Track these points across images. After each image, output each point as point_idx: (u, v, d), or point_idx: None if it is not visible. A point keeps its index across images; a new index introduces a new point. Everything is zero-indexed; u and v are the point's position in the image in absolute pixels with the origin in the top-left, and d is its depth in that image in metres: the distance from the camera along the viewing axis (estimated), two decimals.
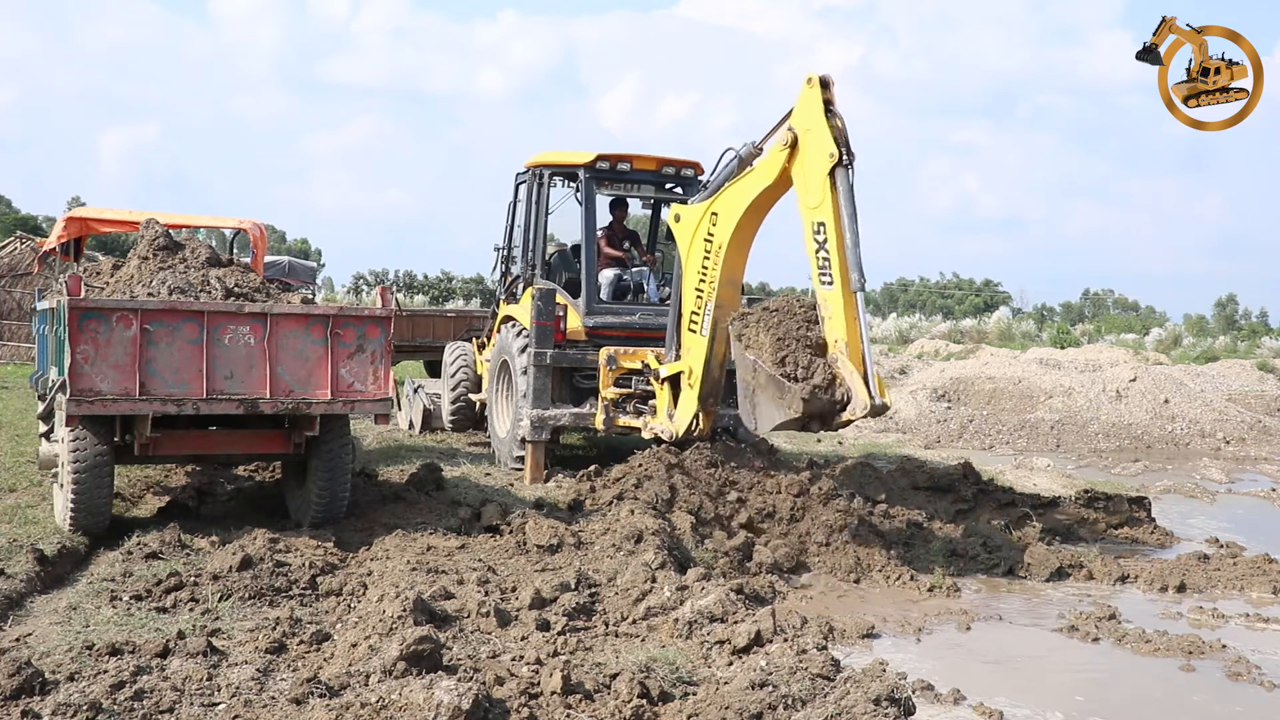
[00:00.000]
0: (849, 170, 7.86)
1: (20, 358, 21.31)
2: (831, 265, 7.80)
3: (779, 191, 8.72)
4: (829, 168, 7.86)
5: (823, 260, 7.86)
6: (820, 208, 7.89)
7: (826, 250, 7.84)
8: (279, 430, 7.83)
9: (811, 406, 7.66)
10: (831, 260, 7.80)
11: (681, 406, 9.73)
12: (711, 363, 9.43)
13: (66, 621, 5.68)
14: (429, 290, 57.29)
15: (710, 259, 9.21)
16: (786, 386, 7.73)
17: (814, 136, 8.04)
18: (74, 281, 7.15)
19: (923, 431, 16.92)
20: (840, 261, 7.77)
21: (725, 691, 4.64)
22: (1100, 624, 7.04)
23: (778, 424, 7.92)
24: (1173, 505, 11.87)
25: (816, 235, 7.91)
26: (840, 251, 7.77)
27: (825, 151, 7.90)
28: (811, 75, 8.11)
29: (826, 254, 7.84)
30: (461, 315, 18.19)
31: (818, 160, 7.97)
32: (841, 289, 7.77)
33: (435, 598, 5.84)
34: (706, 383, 9.49)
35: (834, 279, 7.81)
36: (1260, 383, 22.71)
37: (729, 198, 9.00)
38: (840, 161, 7.83)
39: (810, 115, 8.10)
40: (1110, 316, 77.16)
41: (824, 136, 7.94)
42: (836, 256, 7.78)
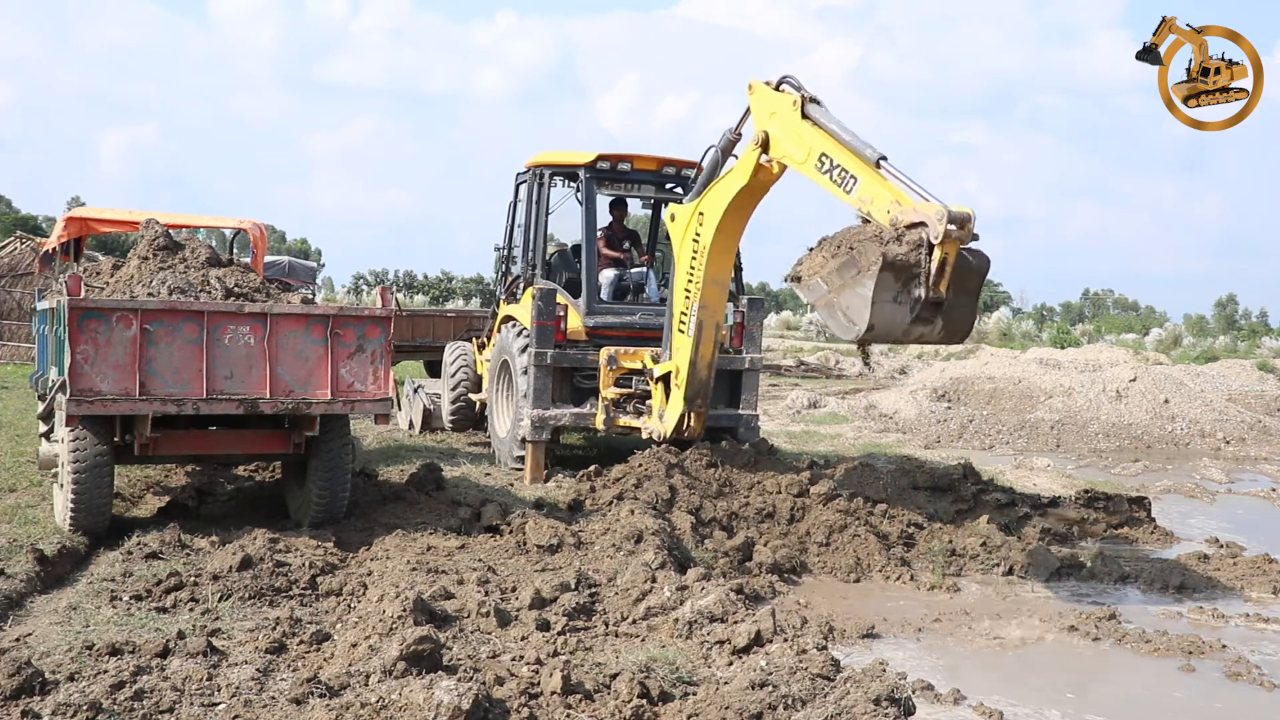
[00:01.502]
0: (821, 105, 7.88)
1: (20, 358, 21.30)
2: (850, 169, 7.51)
3: (756, 192, 8.77)
4: (800, 113, 7.89)
5: (840, 176, 7.56)
6: (813, 148, 7.76)
7: (840, 167, 7.56)
8: (279, 430, 7.83)
9: (891, 254, 6.81)
10: (847, 167, 7.52)
11: (670, 407, 9.76)
12: (697, 363, 9.43)
13: (66, 621, 5.67)
14: (429, 290, 57.34)
15: (697, 259, 9.24)
16: (857, 254, 6.97)
17: (779, 118, 8.12)
18: (74, 281, 7.15)
19: (923, 431, 16.91)
20: (852, 158, 7.51)
21: (725, 691, 4.64)
22: (1100, 624, 7.04)
23: (870, 298, 6.86)
24: (1173, 505, 11.86)
25: (825, 171, 7.67)
26: (847, 152, 7.55)
27: (790, 106, 7.97)
28: (753, 81, 8.37)
29: (841, 167, 7.54)
30: (461, 315, 18.20)
31: (789, 122, 8.00)
32: (867, 172, 7.39)
33: (435, 598, 5.84)
34: (692, 383, 9.49)
35: (857, 174, 7.45)
36: (1260, 383, 22.70)
37: (711, 198, 9.05)
38: (807, 100, 7.87)
39: (768, 103, 8.23)
40: (1110, 316, 77.17)
41: (784, 104, 8.06)
42: (847, 158, 7.53)
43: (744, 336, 11.23)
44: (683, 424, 9.69)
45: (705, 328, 9.35)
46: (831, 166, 7.61)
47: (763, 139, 8.31)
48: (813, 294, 7.39)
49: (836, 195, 7.62)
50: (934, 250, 6.73)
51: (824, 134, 7.76)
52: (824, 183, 7.71)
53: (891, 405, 18.61)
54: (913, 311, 6.93)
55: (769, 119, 8.26)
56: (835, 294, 7.12)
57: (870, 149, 7.43)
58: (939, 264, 6.76)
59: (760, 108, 8.41)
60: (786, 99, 8.11)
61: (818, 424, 17.52)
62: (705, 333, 9.35)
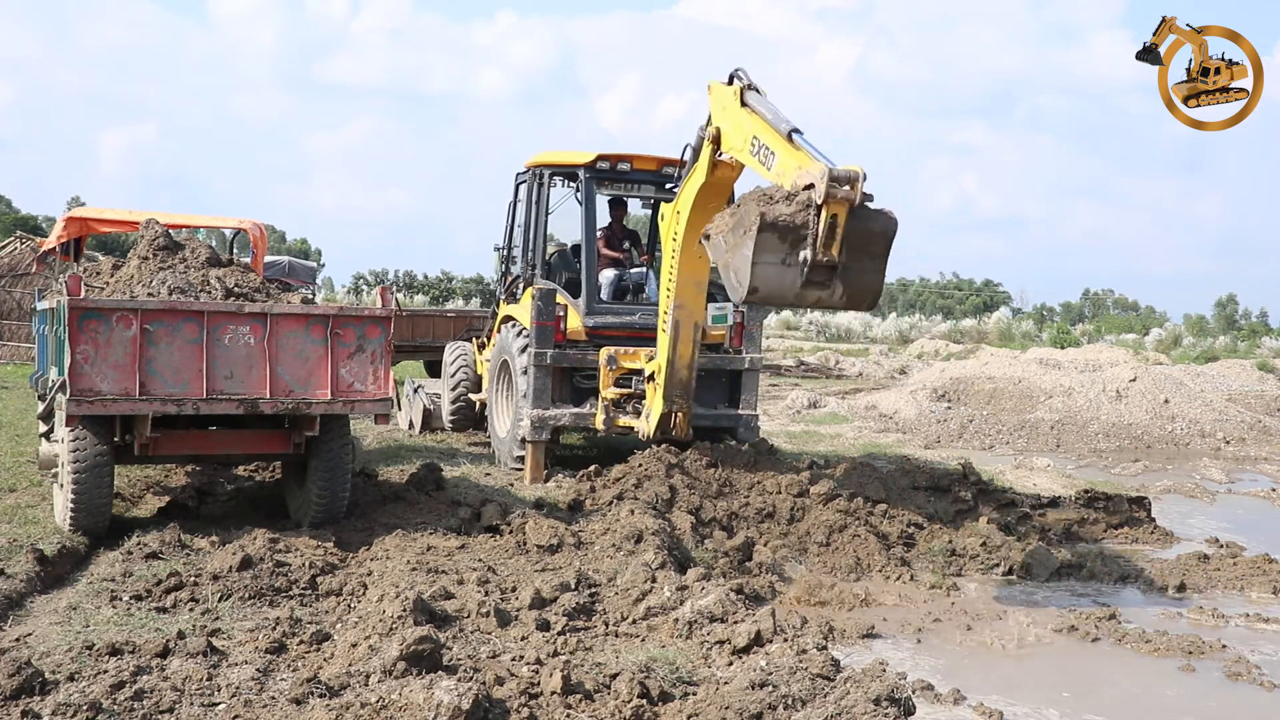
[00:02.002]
0: (759, 93, 7.94)
1: (20, 358, 21.29)
2: (770, 145, 7.51)
3: (717, 189, 8.87)
4: (739, 102, 7.95)
5: (764, 154, 7.55)
6: (748, 133, 7.80)
7: (764, 146, 7.55)
8: (279, 430, 7.83)
9: (771, 214, 6.72)
10: (769, 144, 7.51)
11: (653, 406, 9.77)
12: (675, 362, 9.44)
13: (66, 621, 5.67)
14: (429, 290, 57.35)
15: (674, 258, 9.28)
16: (744, 214, 6.92)
17: (727, 111, 8.22)
18: (74, 281, 7.15)
19: (923, 431, 16.91)
20: (772, 134, 7.50)
21: (725, 691, 4.64)
22: (1100, 624, 7.04)
23: (751, 259, 6.79)
24: (1173, 505, 11.86)
25: (755, 153, 7.68)
26: (770, 130, 7.56)
27: (732, 97, 8.07)
28: (711, 82, 8.46)
29: (765, 145, 7.54)
30: (461, 315, 18.19)
31: (731, 112, 8.10)
32: (781, 145, 7.37)
33: (435, 598, 5.84)
34: (670, 382, 9.51)
35: (775, 149, 7.42)
36: (1260, 383, 22.71)
37: (682, 197, 9.15)
38: (746, 89, 7.92)
39: (720, 99, 8.36)
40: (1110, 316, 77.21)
41: (729, 96, 8.17)
42: (770, 136, 7.53)
43: (744, 336, 11.23)
44: (667, 424, 9.68)
45: (683, 327, 9.37)
46: (760, 147, 7.63)
47: (714, 134, 8.42)
48: (715, 253, 7.40)
49: (762, 174, 7.60)
50: (821, 210, 6.61)
51: (756, 118, 7.80)
52: (754, 165, 7.72)
53: (891, 405, 18.61)
54: (803, 274, 6.78)
55: (721, 114, 8.38)
56: (730, 253, 7.07)
57: (785, 123, 7.42)
58: (827, 225, 6.61)
59: (715, 105, 8.52)
60: (730, 91, 8.20)
61: (818, 424, 17.52)
62: (683, 332, 9.37)
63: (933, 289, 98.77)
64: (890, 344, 45.94)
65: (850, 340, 49.84)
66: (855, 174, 6.62)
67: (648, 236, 12.66)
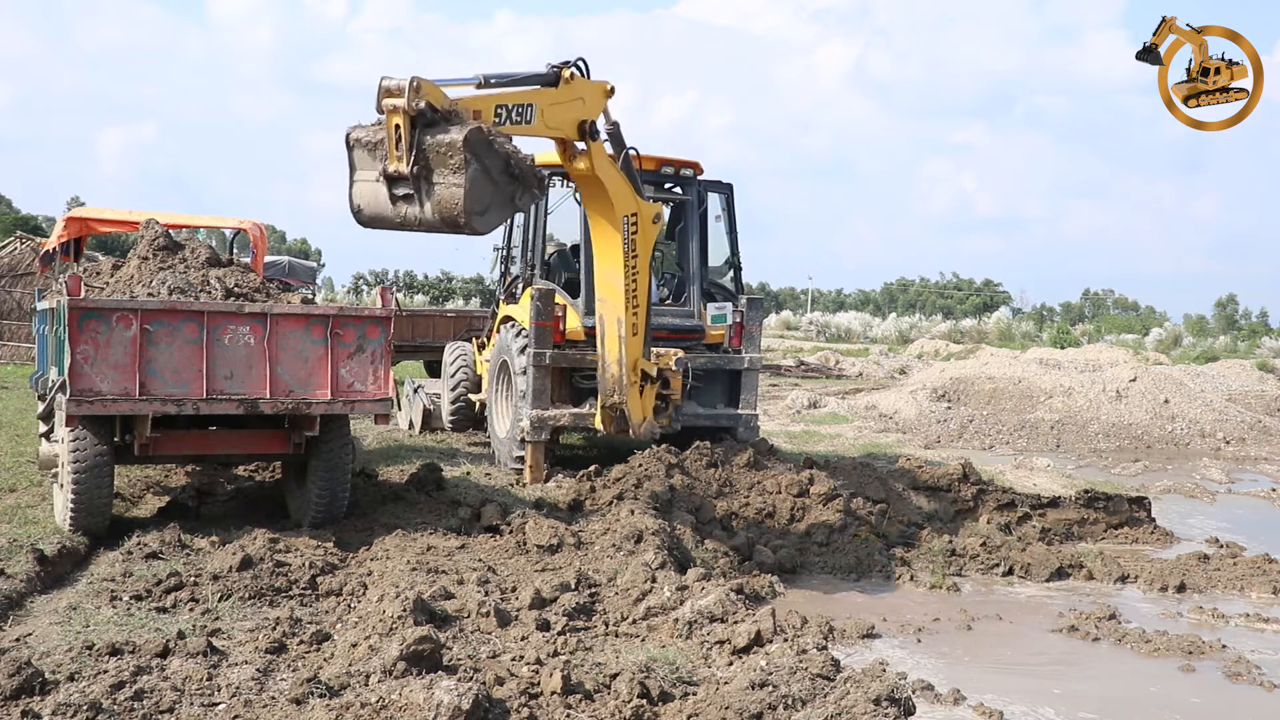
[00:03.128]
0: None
1: (20, 358, 21.30)
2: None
3: (583, 190, 9.06)
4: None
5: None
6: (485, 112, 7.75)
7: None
8: (279, 430, 7.83)
9: (355, 133, 6.89)
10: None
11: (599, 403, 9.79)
12: (605, 358, 9.45)
13: (66, 621, 5.67)
14: (429, 290, 57.35)
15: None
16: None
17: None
18: (74, 281, 7.15)
19: (923, 431, 16.92)
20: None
21: (725, 691, 4.64)
22: (1100, 624, 7.04)
23: (349, 178, 6.99)
24: (1173, 505, 11.87)
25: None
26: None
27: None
28: (606, 82, 8.51)
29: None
30: (461, 315, 18.19)
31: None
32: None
33: (435, 598, 5.84)
34: (603, 379, 9.52)
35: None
36: (1260, 383, 22.72)
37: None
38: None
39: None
40: (1110, 317, 77.23)
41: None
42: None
43: (743, 336, 11.23)
44: (612, 418, 9.64)
45: (606, 322, 9.36)
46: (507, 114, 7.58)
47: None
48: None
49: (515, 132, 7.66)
50: (384, 121, 6.66)
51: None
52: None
53: (891, 405, 18.61)
54: (390, 190, 6.79)
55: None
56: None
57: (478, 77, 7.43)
58: (393, 135, 6.66)
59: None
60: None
61: (818, 424, 17.52)
62: (606, 327, 9.36)
63: (933, 289, 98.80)
64: (890, 344, 45.95)
65: (850, 340, 49.86)
66: (403, 84, 6.63)
67: None
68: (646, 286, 9.35)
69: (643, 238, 9.20)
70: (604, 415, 9.65)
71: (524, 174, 6.96)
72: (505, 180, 6.91)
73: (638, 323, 9.34)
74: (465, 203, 6.68)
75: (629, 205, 9.04)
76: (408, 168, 6.68)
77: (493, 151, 6.79)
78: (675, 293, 11.89)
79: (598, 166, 8.64)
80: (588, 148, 8.35)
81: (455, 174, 6.69)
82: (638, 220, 9.11)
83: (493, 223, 7.10)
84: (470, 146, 6.66)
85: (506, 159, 6.87)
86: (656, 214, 9.38)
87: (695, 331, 11.22)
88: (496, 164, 6.83)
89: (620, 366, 9.37)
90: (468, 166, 6.66)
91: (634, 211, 9.07)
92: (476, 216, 6.78)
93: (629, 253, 9.08)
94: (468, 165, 6.66)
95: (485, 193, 6.79)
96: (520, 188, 7.01)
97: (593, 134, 8.35)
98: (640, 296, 9.30)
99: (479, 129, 6.76)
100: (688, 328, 11.21)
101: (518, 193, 7.02)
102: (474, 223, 6.80)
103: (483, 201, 6.78)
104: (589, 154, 8.46)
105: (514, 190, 6.99)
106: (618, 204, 8.96)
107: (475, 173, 6.70)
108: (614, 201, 8.97)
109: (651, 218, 9.30)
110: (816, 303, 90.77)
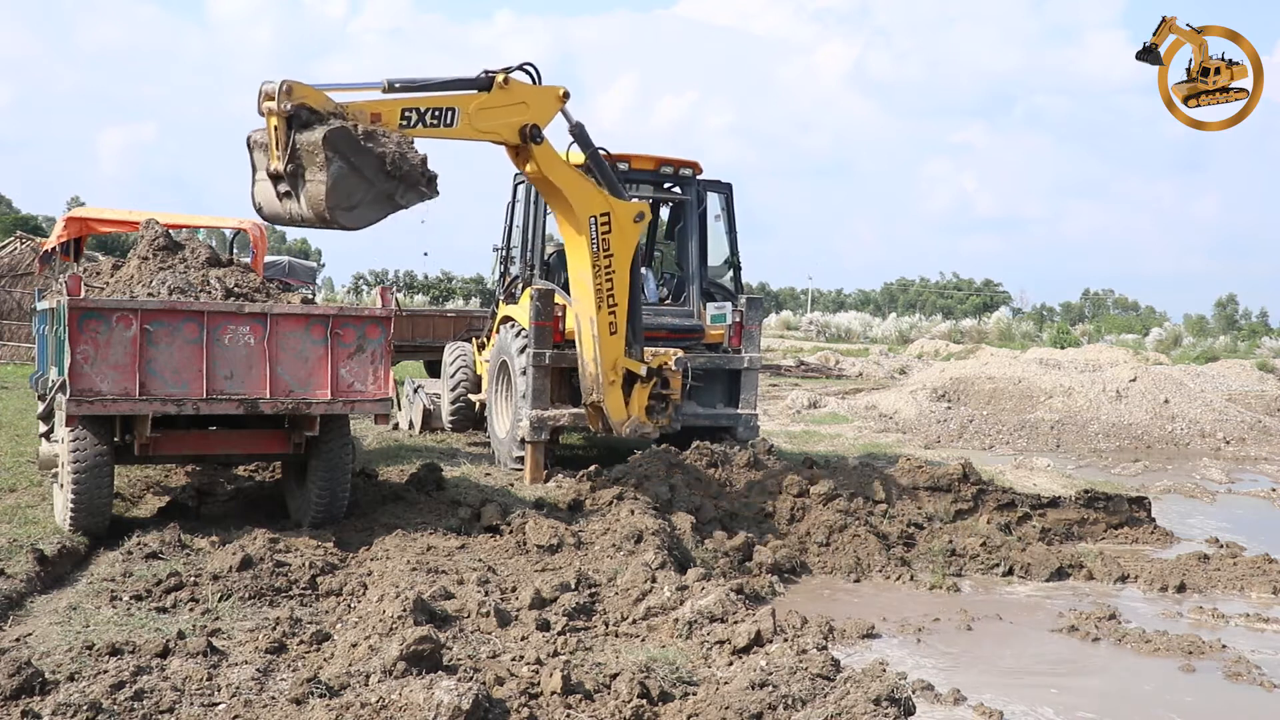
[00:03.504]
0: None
1: (20, 358, 21.30)
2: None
3: (541, 192, 9.27)
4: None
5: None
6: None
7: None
8: (279, 430, 7.83)
9: (253, 136, 7.40)
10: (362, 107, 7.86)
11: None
12: (582, 357, 9.52)
13: (66, 621, 5.67)
14: (429, 290, 57.33)
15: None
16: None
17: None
18: (74, 281, 7.15)
19: (923, 431, 16.92)
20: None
21: (725, 691, 4.64)
22: (1100, 624, 7.04)
23: (252, 176, 7.48)
24: (1173, 505, 11.86)
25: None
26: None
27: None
28: (560, 87, 8.75)
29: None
30: (461, 315, 18.19)
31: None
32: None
33: (435, 598, 5.84)
34: (581, 378, 9.59)
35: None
36: (1260, 383, 22.72)
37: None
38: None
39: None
40: (1110, 316, 77.25)
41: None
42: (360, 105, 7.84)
43: (743, 336, 11.24)
44: (598, 416, 9.70)
45: (580, 322, 9.49)
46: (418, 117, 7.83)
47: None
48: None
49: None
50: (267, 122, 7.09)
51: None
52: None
53: (891, 405, 18.61)
54: (275, 188, 7.22)
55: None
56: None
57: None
58: (273, 135, 7.08)
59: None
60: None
61: (818, 424, 17.52)
62: (581, 327, 9.47)
63: (933, 289, 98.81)
64: (890, 344, 45.96)
65: (850, 340, 49.86)
66: (275, 87, 7.01)
67: (646, 236, 12.65)
68: (625, 285, 9.39)
69: (618, 237, 9.23)
70: (588, 414, 9.69)
71: (406, 173, 7.23)
72: (381, 178, 7.20)
73: (616, 322, 9.39)
74: (329, 198, 7.03)
75: (594, 205, 9.10)
76: (284, 166, 7.05)
77: (362, 150, 7.09)
78: (675, 292, 11.90)
79: (546, 169, 8.79)
80: (532, 151, 8.50)
81: (321, 171, 7.02)
82: (610, 219, 9.15)
83: (367, 218, 7.40)
84: (331, 144, 6.98)
85: (381, 158, 7.14)
86: (638, 213, 9.39)
87: (695, 331, 11.22)
88: (369, 162, 7.12)
89: (596, 365, 9.42)
90: (330, 164, 6.98)
91: (604, 211, 9.13)
92: (342, 212, 7.12)
93: (599, 252, 9.14)
94: (330, 163, 6.98)
95: (354, 189, 7.12)
96: (402, 186, 7.29)
97: (534, 137, 8.50)
98: (618, 296, 9.34)
99: (343, 128, 7.06)
100: (687, 327, 11.22)
101: (399, 191, 7.30)
102: (340, 218, 7.15)
103: (351, 198, 7.13)
104: (534, 157, 8.59)
105: (393, 188, 7.27)
106: (578, 205, 9.04)
107: (339, 170, 7.03)
108: (572, 203, 9.06)
109: (632, 216, 9.32)
110: (816, 303, 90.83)
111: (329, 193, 7.01)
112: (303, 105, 7.01)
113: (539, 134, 8.52)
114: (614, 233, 9.19)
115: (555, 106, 8.72)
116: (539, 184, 9.10)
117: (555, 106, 8.72)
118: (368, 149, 7.10)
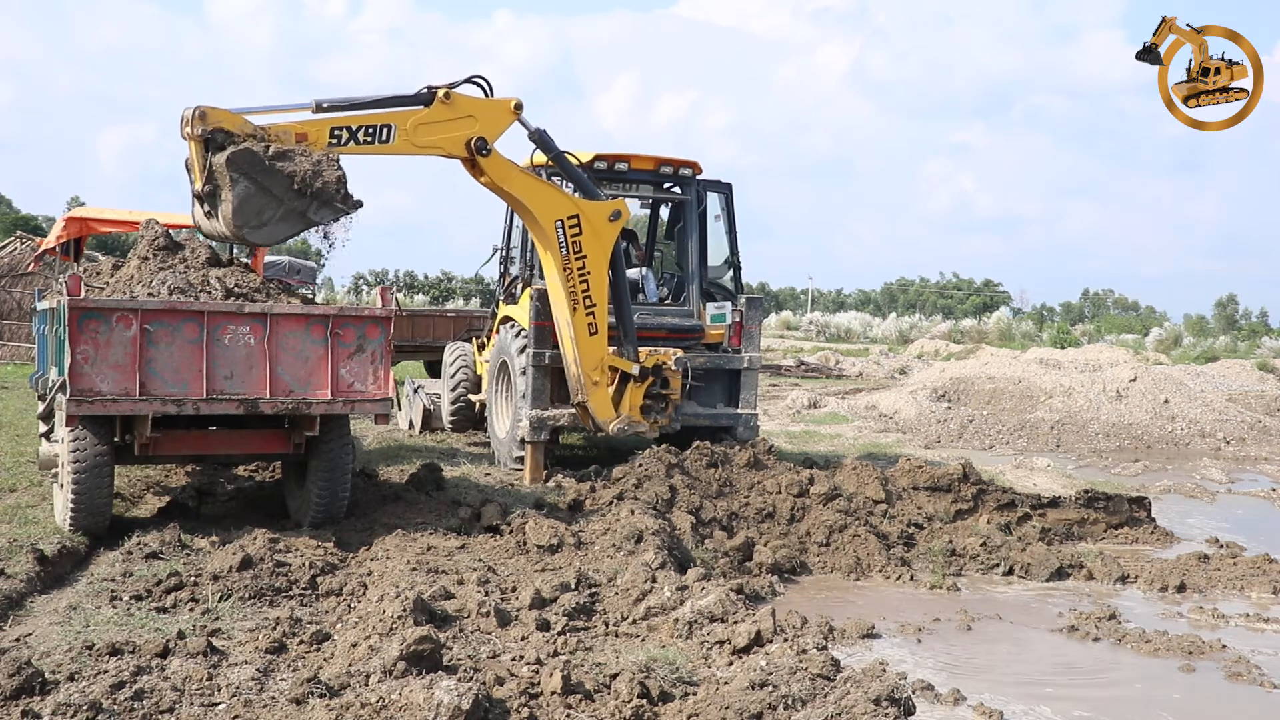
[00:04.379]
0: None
1: (20, 358, 21.29)
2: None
3: (503, 200, 9.59)
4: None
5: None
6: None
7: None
8: (279, 430, 7.83)
9: (187, 161, 7.66)
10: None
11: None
12: (565, 358, 9.59)
13: (66, 621, 5.67)
14: (429, 290, 57.35)
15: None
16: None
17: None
18: (74, 281, 7.14)
19: (923, 431, 16.91)
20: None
21: (725, 691, 4.64)
22: (1100, 624, 7.04)
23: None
24: (1173, 505, 11.86)
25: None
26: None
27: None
28: (512, 99, 8.96)
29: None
30: (461, 315, 18.19)
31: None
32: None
33: (435, 598, 5.84)
34: (568, 378, 9.64)
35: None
36: (1260, 383, 22.71)
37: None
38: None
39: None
40: (1110, 316, 77.22)
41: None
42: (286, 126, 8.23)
43: (742, 336, 11.23)
44: (584, 419, 9.84)
45: (558, 324, 9.67)
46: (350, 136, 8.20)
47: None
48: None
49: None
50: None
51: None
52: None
53: (891, 405, 18.61)
54: (200, 207, 7.67)
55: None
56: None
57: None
58: (193, 158, 7.52)
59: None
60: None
61: (818, 424, 17.52)
62: (559, 329, 9.58)
63: (932, 289, 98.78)
64: (890, 344, 45.95)
65: (850, 340, 49.86)
66: (191, 111, 7.46)
67: (646, 237, 12.66)
68: (604, 285, 9.47)
69: (591, 238, 9.29)
70: (579, 413, 9.73)
71: (319, 190, 7.56)
72: (291, 196, 7.55)
73: (595, 322, 9.47)
74: (235, 217, 7.46)
75: (559, 209, 9.18)
76: (202, 187, 7.51)
77: (269, 170, 7.47)
78: (675, 292, 11.89)
79: (500, 180, 8.90)
80: (481, 164, 8.69)
81: (229, 191, 7.44)
82: (580, 221, 9.20)
83: (279, 235, 7.86)
84: (234, 166, 7.39)
85: (291, 176, 7.49)
86: (613, 211, 9.46)
87: (694, 331, 11.22)
88: (277, 181, 7.50)
89: (577, 367, 9.47)
90: (235, 184, 7.41)
91: (571, 214, 9.19)
92: (251, 230, 7.57)
93: (569, 255, 9.23)
94: (235, 183, 7.41)
95: (262, 208, 7.52)
96: (315, 203, 7.63)
97: (480, 150, 8.56)
98: (596, 296, 9.43)
99: (246, 149, 7.45)
100: (687, 327, 11.22)
101: (311, 208, 7.64)
102: (249, 235, 7.63)
103: (260, 216, 7.54)
104: (485, 170, 8.72)
105: (305, 205, 7.61)
106: (539, 211, 9.12)
107: (244, 190, 7.46)
108: (532, 209, 9.14)
109: (605, 216, 9.39)
110: (816, 303, 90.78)
111: (235, 211, 7.43)
112: (219, 129, 7.44)
113: (485, 146, 8.67)
114: (585, 234, 9.26)
115: (508, 118, 8.86)
116: (497, 194, 9.24)
117: (508, 118, 8.86)
118: (276, 168, 7.45)
